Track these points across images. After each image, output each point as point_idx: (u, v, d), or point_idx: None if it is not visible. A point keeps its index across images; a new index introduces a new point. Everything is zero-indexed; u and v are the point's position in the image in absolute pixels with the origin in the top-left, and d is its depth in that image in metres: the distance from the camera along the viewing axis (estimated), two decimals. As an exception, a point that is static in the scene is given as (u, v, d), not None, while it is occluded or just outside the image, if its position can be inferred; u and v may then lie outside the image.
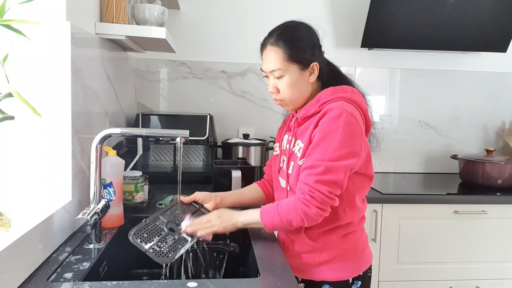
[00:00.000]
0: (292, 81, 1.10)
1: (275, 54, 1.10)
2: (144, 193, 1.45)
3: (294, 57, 1.09)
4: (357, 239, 1.18)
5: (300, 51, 1.09)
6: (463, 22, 2.18)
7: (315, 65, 1.11)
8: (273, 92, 1.14)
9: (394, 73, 2.41)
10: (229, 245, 1.27)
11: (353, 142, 1.03)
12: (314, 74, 1.12)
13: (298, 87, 1.12)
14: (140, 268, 1.31)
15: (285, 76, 1.10)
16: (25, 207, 0.99)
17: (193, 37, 2.25)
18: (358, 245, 1.18)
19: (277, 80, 1.12)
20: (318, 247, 1.13)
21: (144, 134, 1.10)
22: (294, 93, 1.12)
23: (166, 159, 2.08)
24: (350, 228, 1.16)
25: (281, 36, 1.10)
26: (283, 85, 1.11)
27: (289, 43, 1.09)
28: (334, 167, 1.01)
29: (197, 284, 0.84)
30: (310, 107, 1.12)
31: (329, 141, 1.02)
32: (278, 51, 1.09)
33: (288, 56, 1.08)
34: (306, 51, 1.10)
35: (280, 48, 1.09)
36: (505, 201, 1.91)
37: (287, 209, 1.05)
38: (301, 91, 1.13)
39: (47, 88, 1.06)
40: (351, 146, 1.03)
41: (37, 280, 0.85)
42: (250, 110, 2.32)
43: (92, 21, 1.31)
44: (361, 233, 1.21)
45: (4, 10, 0.70)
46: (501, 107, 2.48)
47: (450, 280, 1.91)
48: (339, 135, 1.01)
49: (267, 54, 1.13)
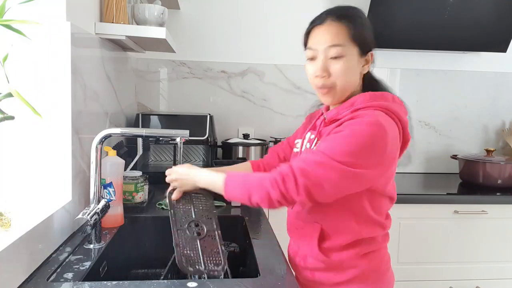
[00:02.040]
0: (350, 65, 0.96)
1: (337, 29, 0.96)
2: (144, 193, 1.45)
3: (358, 36, 0.96)
4: (380, 259, 1.04)
5: (365, 32, 0.99)
6: (463, 22, 2.18)
7: (371, 55, 1.01)
8: (323, 75, 0.97)
9: (394, 73, 2.41)
10: (229, 245, 1.27)
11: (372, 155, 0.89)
12: (368, 65, 1.01)
13: (353, 75, 0.98)
14: (140, 268, 1.32)
15: (344, 57, 0.95)
16: (25, 207, 0.99)
17: (193, 37, 2.25)
18: (381, 266, 1.05)
19: (331, 62, 0.96)
20: (334, 265, 1.01)
21: (144, 134, 1.10)
22: (348, 80, 0.97)
23: (166, 159, 2.08)
24: (373, 246, 1.03)
25: (345, 14, 0.98)
26: (339, 67, 0.95)
27: (353, 22, 0.97)
28: (333, 165, 0.87)
29: (197, 284, 0.84)
30: (342, 109, 0.98)
31: (346, 141, 0.89)
32: (342, 26, 0.96)
33: (353, 34, 0.96)
34: (366, 35, 0.99)
35: (345, 25, 0.96)
36: (505, 201, 1.91)
37: (255, 180, 0.93)
38: (352, 81, 0.99)
39: (47, 88, 1.06)
40: (367, 159, 0.88)
41: (37, 280, 0.85)
42: (250, 110, 2.32)
43: (92, 21, 1.31)
44: (384, 252, 1.07)
45: (4, 10, 0.70)
46: (501, 107, 2.48)
47: (450, 280, 1.91)
48: (360, 141, 0.88)
49: (325, 29, 0.97)
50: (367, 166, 0.89)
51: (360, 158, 0.88)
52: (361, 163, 0.88)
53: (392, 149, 0.93)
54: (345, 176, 0.88)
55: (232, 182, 0.96)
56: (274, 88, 2.31)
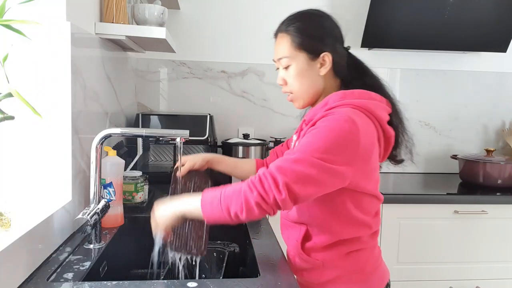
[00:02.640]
0: (299, 71, 1.01)
1: (283, 41, 1.02)
2: (144, 193, 1.45)
3: (301, 44, 1.00)
4: (365, 259, 1.04)
5: (309, 38, 1.01)
6: (463, 22, 2.18)
7: (326, 56, 1.00)
8: (281, 84, 1.06)
9: (394, 73, 2.41)
10: (229, 245, 1.27)
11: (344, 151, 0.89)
12: (325, 67, 1.01)
13: (307, 79, 1.02)
14: (140, 268, 1.31)
15: (292, 65, 1.01)
16: (25, 207, 0.99)
17: (193, 37, 2.25)
18: (366, 266, 1.04)
19: (284, 71, 1.03)
20: (318, 265, 1.03)
21: (144, 134, 1.10)
22: (302, 85, 1.02)
23: (166, 159, 2.08)
24: (357, 245, 1.02)
25: (291, 23, 1.03)
26: (290, 75, 1.02)
27: (298, 30, 1.01)
28: (309, 160, 0.86)
29: (197, 284, 0.84)
30: (317, 110, 1.00)
31: (318, 139, 0.89)
32: (287, 37, 1.02)
33: (296, 43, 1.00)
34: (316, 38, 1.01)
35: (289, 35, 1.01)
36: (505, 201, 1.91)
37: (231, 189, 0.88)
38: (310, 84, 1.02)
39: (47, 88, 1.06)
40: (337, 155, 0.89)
41: (37, 280, 0.85)
42: (250, 110, 2.32)
43: (92, 21, 1.31)
44: (371, 251, 1.06)
45: (4, 10, 0.70)
46: (501, 107, 2.48)
47: (450, 280, 1.91)
48: (330, 137, 0.89)
49: (276, 42, 1.05)
50: (342, 162, 0.89)
51: (334, 154, 0.88)
52: (336, 159, 0.88)
53: (366, 145, 0.93)
54: (323, 171, 0.87)
55: (208, 199, 0.90)
56: (274, 88, 2.31)
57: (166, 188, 1.68)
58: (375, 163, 1.00)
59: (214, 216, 0.89)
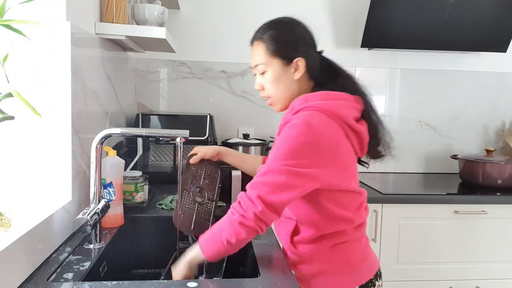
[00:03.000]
0: (274, 76, 1.07)
1: (258, 49, 1.08)
2: (144, 193, 1.45)
3: (275, 51, 1.06)
4: (350, 251, 1.08)
5: (282, 45, 1.06)
6: (463, 22, 2.18)
7: (300, 61, 1.06)
8: (259, 89, 1.12)
9: (394, 73, 2.41)
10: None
11: (305, 154, 0.94)
12: (299, 71, 1.07)
13: (282, 84, 1.08)
14: (140, 268, 1.31)
15: (268, 71, 1.07)
16: (25, 207, 0.99)
17: (193, 37, 2.25)
18: (352, 257, 1.07)
19: (261, 77, 1.10)
20: (306, 258, 1.07)
21: (144, 134, 1.10)
22: (278, 89, 1.08)
23: (166, 159, 2.08)
24: (341, 238, 1.06)
25: (265, 31, 1.08)
26: (266, 81, 1.08)
27: (272, 38, 1.07)
28: (276, 169, 0.93)
29: (197, 284, 0.84)
30: (286, 114, 1.07)
31: (282, 147, 0.96)
32: (262, 45, 1.07)
33: (271, 50, 1.06)
34: (289, 45, 1.07)
35: (264, 42, 1.07)
36: (505, 201, 1.91)
37: (219, 223, 0.97)
38: (286, 88, 1.08)
39: (47, 88, 1.06)
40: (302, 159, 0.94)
41: (37, 280, 0.85)
42: (250, 110, 2.32)
43: (92, 21, 1.31)
44: (357, 243, 1.09)
45: (4, 10, 0.70)
46: (501, 107, 2.48)
47: (450, 280, 1.91)
48: (291, 143, 0.95)
49: (252, 50, 1.11)
50: (307, 165, 0.94)
51: (298, 158, 0.94)
52: (301, 163, 0.94)
53: (329, 145, 0.98)
54: (292, 176, 0.93)
55: (203, 240, 0.98)
56: (274, 88, 2.31)
57: (166, 188, 1.69)
58: (347, 160, 1.04)
59: (212, 252, 0.96)
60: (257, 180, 0.95)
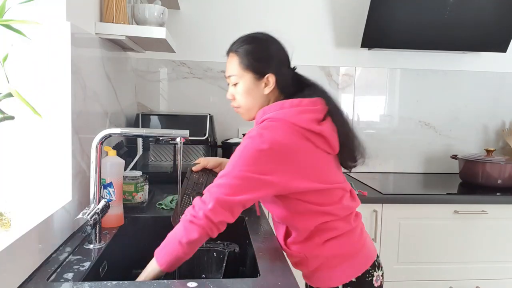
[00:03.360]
0: (245, 89, 1.12)
1: (233, 61, 1.13)
2: (144, 193, 1.45)
3: (248, 65, 1.11)
4: (343, 244, 1.10)
5: (255, 61, 1.11)
6: (463, 22, 2.18)
7: (270, 77, 1.11)
8: (230, 98, 1.17)
9: (394, 73, 2.41)
10: (229, 245, 1.27)
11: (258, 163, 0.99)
12: (269, 87, 1.12)
13: (252, 96, 1.13)
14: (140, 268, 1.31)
15: (239, 83, 1.13)
16: (25, 207, 0.99)
17: (193, 37, 2.25)
18: (344, 251, 1.10)
19: (233, 88, 1.15)
20: (302, 257, 1.12)
21: (144, 134, 1.10)
22: (247, 101, 1.14)
23: (166, 159, 2.08)
24: (332, 233, 1.09)
25: (241, 45, 1.14)
26: (238, 92, 1.14)
27: (246, 52, 1.12)
28: (231, 174, 0.99)
29: (197, 284, 0.84)
30: (254, 125, 1.13)
31: (234, 158, 1.02)
32: (236, 58, 1.13)
33: (244, 64, 1.11)
34: (261, 61, 1.12)
35: (238, 56, 1.12)
36: (505, 201, 1.91)
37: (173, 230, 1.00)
38: (254, 101, 1.14)
39: (47, 88, 1.06)
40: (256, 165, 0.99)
41: (37, 280, 0.85)
42: (250, 110, 2.31)
43: (92, 21, 1.31)
44: (350, 235, 1.11)
45: (4, 10, 0.70)
46: (501, 107, 2.48)
47: (450, 280, 1.91)
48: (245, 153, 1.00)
49: (228, 61, 1.16)
50: (263, 172, 0.99)
51: (254, 165, 0.99)
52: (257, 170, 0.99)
53: (285, 151, 1.02)
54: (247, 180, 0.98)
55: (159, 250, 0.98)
56: (274, 88, 2.31)
57: (166, 188, 1.69)
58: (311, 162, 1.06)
59: (166, 258, 0.96)
60: (211, 185, 1.00)
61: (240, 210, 1.00)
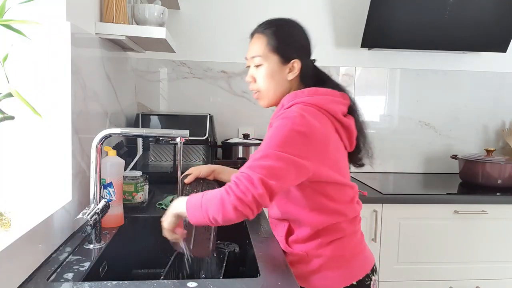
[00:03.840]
0: (269, 72, 1.09)
1: (259, 42, 1.10)
2: (144, 193, 1.45)
3: (276, 47, 1.08)
4: (345, 245, 1.09)
5: (283, 44, 1.09)
6: (463, 22, 2.18)
7: (296, 63, 1.09)
8: (249, 81, 1.13)
9: (394, 73, 2.41)
10: (229, 245, 1.27)
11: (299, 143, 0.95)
12: (293, 73, 1.10)
13: (275, 80, 1.10)
14: (140, 268, 1.31)
15: (264, 65, 1.09)
16: (25, 207, 0.99)
17: (193, 37, 2.25)
18: (347, 253, 1.09)
19: (255, 69, 1.11)
20: (303, 256, 1.09)
21: (144, 134, 1.10)
22: (269, 85, 1.10)
23: (166, 159, 2.08)
24: (337, 234, 1.08)
25: (269, 26, 1.11)
26: (260, 74, 1.10)
27: (274, 33, 1.09)
28: (273, 154, 0.91)
29: (197, 284, 0.84)
30: (277, 111, 1.10)
31: (272, 138, 0.95)
32: (263, 38, 1.10)
33: (271, 45, 1.08)
34: (290, 46, 1.09)
35: (266, 36, 1.09)
36: (505, 201, 1.91)
37: (210, 196, 0.92)
38: (277, 85, 1.10)
39: (47, 88, 1.06)
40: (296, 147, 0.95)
41: (37, 280, 0.84)
42: (250, 110, 2.32)
43: (92, 21, 1.31)
44: (352, 237, 1.12)
45: (4, 10, 0.70)
46: (501, 107, 2.48)
47: (450, 280, 1.91)
48: (284, 134, 0.95)
49: (252, 41, 1.13)
50: (300, 156, 0.94)
51: (291, 148, 0.94)
52: (294, 153, 0.94)
53: (322, 138, 1.00)
54: (289, 164, 0.93)
55: (192, 203, 0.94)
56: (274, 88, 2.31)
57: (166, 188, 1.69)
58: (336, 153, 1.06)
59: (197, 219, 0.93)
60: (255, 163, 0.91)
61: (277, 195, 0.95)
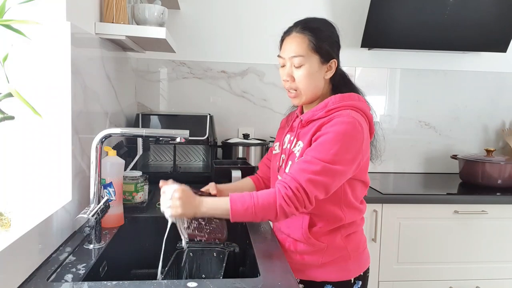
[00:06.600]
0: (309, 71, 1.10)
1: (299, 41, 1.10)
2: (144, 193, 1.45)
3: (318, 47, 1.09)
4: (358, 239, 1.20)
5: (324, 44, 1.10)
6: (463, 22, 2.18)
7: (334, 62, 1.12)
8: (287, 80, 1.13)
9: (394, 73, 2.41)
10: (229, 245, 1.27)
11: (355, 150, 1.04)
12: (331, 71, 1.13)
13: (314, 80, 1.11)
14: (140, 268, 1.31)
15: (305, 65, 1.10)
16: (25, 207, 0.99)
17: (193, 37, 2.25)
18: (359, 245, 1.19)
19: (294, 69, 1.11)
20: (322, 248, 1.14)
21: (144, 134, 1.10)
22: (309, 85, 1.11)
23: (166, 159, 2.08)
24: (353, 228, 1.17)
25: (308, 25, 1.11)
26: (301, 74, 1.10)
27: (315, 33, 1.10)
28: (331, 170, 1.01)
29: (197, 284, 0.84)
30: (316, 111, 1.12)
31: (334, 143, 1.02)
32: (304, 38, 1.10)
33: (313, 45, 1.09)
34: (330, 45, 1.12)
35: (306, 36, 1.10)
36: (505, 201, 1.91)
37: (265, 201, 1.00)
38: (316, 84, 1.12)
39: (47, 88, 1.06)
40: (352, 154, 1.03)
41: (37, 280, 0.85)
42: (250, 110, 2.32)
43: (92, 21, 1.31)
44: (362, 233, 1.23)
45: (4, 10, 0.70)
46: (501, 107, 2.48)
47: (450, 280, 1.91)
48: (345, 140, 1.02)
49: (290, 41, 1.12)
50: (350, 161, 1.04)
51: (344, 154, 1.02)
52: (346, 158, 1.03)
53: (366, 143, 1.08)
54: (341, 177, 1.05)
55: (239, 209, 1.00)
56: (274, 88, 2.31)
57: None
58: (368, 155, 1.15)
59: (244, 219, 1.02)
60: (314, 178, 1.00)
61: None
